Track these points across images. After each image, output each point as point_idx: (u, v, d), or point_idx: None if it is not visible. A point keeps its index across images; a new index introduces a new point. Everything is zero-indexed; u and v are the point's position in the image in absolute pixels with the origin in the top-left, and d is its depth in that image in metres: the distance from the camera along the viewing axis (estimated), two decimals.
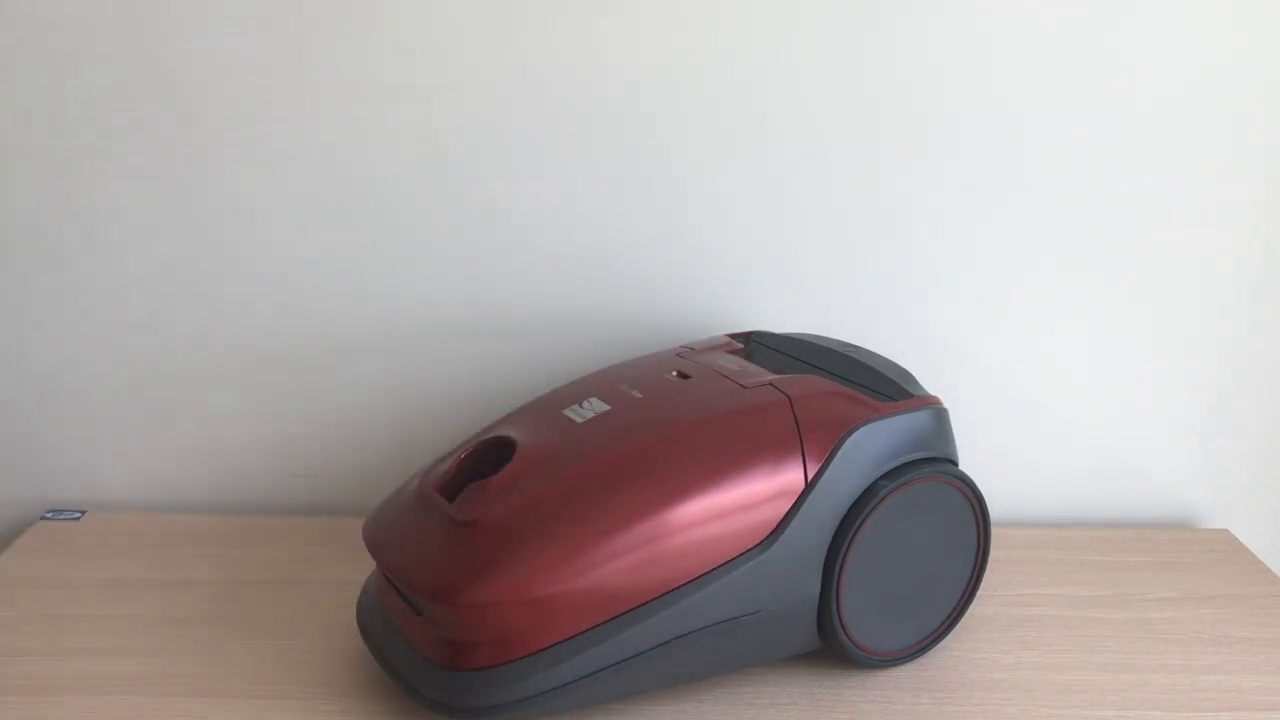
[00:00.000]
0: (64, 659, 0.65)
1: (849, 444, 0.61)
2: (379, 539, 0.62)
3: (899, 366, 0.70)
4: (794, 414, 0.61)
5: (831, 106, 0.76)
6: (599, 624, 0.57)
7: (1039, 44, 0.75)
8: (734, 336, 0.75)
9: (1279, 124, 0.77)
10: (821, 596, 0.62)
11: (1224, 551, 0.81)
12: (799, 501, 0.60)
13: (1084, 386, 0.83)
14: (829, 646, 0.64)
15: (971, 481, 0.65)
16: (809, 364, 0.70)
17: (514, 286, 0.80)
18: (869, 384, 0.66)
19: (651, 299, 0.81)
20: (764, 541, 0.59)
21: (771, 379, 0.65)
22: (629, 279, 0.80)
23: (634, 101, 0.76)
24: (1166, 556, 0.80)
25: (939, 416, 0.65)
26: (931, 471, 0.63)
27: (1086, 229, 0.79)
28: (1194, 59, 0.75)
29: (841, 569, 0.61)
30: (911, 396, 0.65)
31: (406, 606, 0.60)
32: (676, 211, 0.79)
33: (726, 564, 0.58)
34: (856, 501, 0.61)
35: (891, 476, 0.62)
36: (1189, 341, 0.82)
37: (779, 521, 0.59)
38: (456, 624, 0.57)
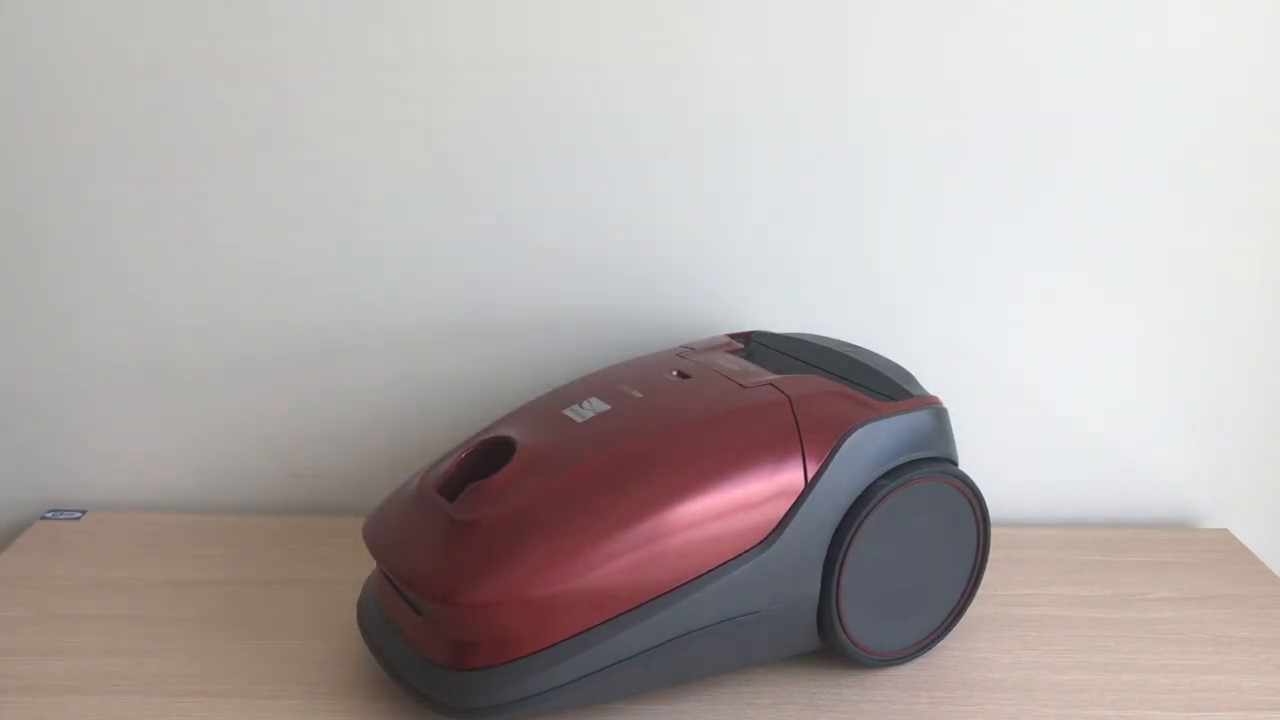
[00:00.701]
0: (64, 659, 0.65)
1: (849, 444, 0.61)
2: (379, 539, 0.62)
3: (899, 366, 0.70)
4: (794, 414, 0.61)
5: (831, 107, 0.76)
6: (599, 624, 0.57)
7: (1040, 44, 0.75)
8: (734, 336, 0.75)
9: (1279, 124, 0.77)
10: (821, 596, 0.62)
11: (1224, 551, 0.81)
12: (799, 501, 0.60)
13: (1084, 386, 0.83)
14: (829, 646, 0.64)
15: (971, 481, 0.65)
16: (809, 364, 0.70)
17: (514, 286, 0.80)
18: (869, 384, 0.66)
19: (651, 299, 0.81)
20: (764, 541, 0.59)
21: (771, 379, 0.65)
22: (629, 279, 0.80)
23: (634, 101, 0.76)
24: (1166, 556, 0.80)
25: (939, 416, 0.65)
26: (931, 471, 0.63)
27: (1087, 229, 0.79)
28: (1194, 59, 0.75)
29: (841, 569, 0.61)
30: (911, 396, 0.65)
31: (406, 606, 0.60)
32: (676, 211, 0.79)
33: (726, 564, 0.58)
34: (856, 501, 0.61)
35: (891, 476, 0.62)
36: (1189, 341, 0.82)
37: (779, 521, 0.59)
38: (456, 624, 0.57)
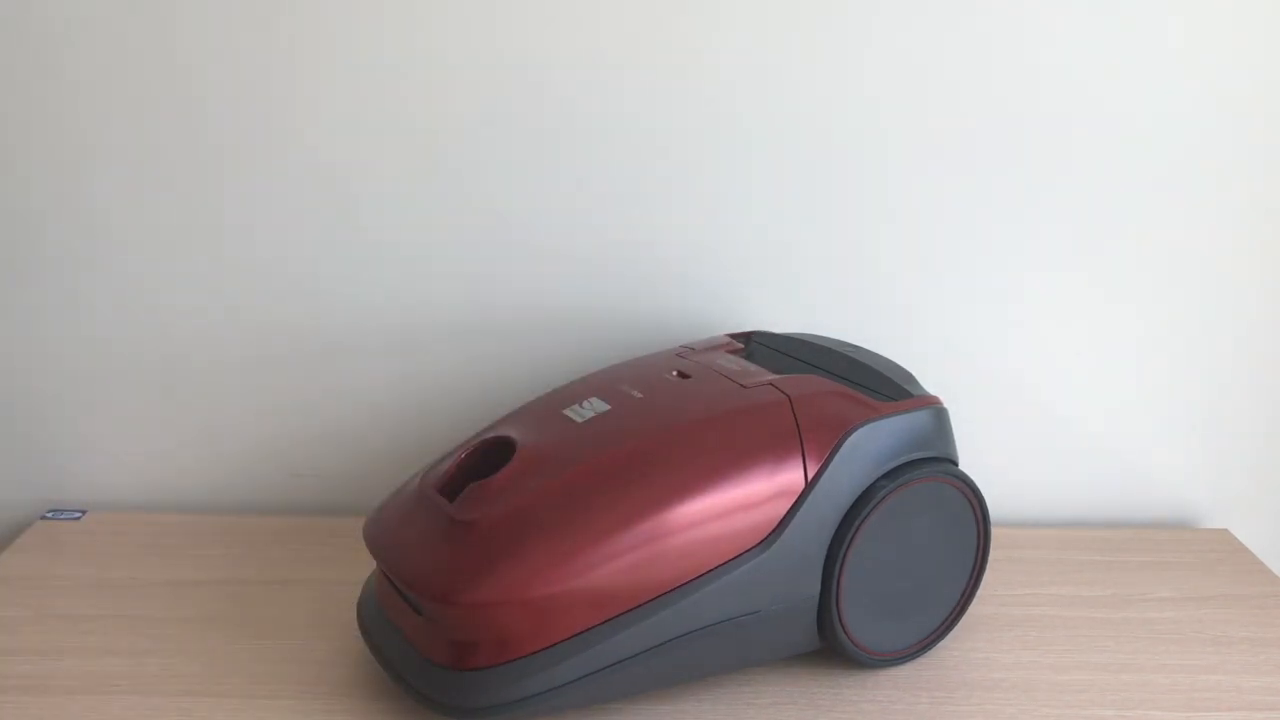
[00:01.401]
0: (64, 659, 0.65)
1: (849, 444, 0.61)
2: (379, 539, 0.62)
3: (899, 366, 0.70)
4: (794, 414, 0.61)
5: (831, 107, 0.76)
6: (599, 624, 0.57)
7: (1039, 44, 0.75)
8: (734, 336, 0.75)
9: (1279, 124, 0.77)
10: (821, 596, 0.62)
11: (1224, 551, 0.81)
12: (799, 501, 0.60)
13: (1084, 386, 0.83)
14: (829, 646, 0.64)
15: (971, 481, 0.65)
16: (809, 364, 0.70)
17: (514, 287, 0.80)
18: (869, 384, 0.66)
19: (651, 299, 0.81)
20: (764, 541, 0.59)
21: (771, 379, 0.65)
22: (629, 279, 0.80)
23: (634, 101, 0.76)
24: (1166, 556, 0.80)
25: (939, 416, 0.65)
26: (931, 471, 0.63)
27: (1087, 229, 0.79)
28: (1194, 59, 0.75)
29: (841, 569, 0.61)
30: (911, 396, 0.65)
31: (406, 606, 0.60)
32: (676, 211, 0.79)
33: (726, 564, 0.58)
34: (856, 501, 0.61)
35: (891, 476, 0.62)
36: (1189, 341, 0.82)
37: (779, 521, 0.59)
38: (457, 624, 0.57)
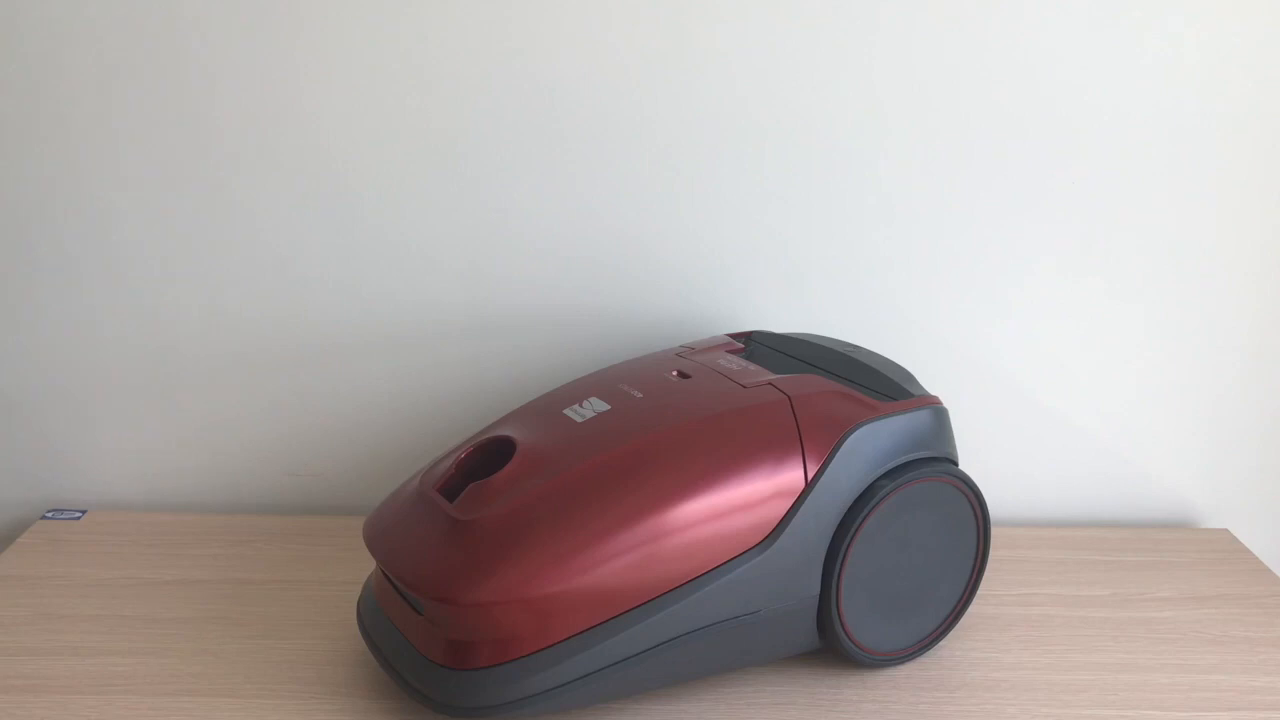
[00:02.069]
0: (64, 659, 0.65)
1: (849, 443, 0.61)
2: (379, 539, 0.62)
3: (899, 366, 0.70)
4: (794, 414, 0.61)
5: (832, 107, 0.76)
6: (599, 624, 0.57)
7: (1040, 45, 0.75)
8: (734, 336, 0.75)
9: (1279, 124, 0.77)
10: (821, 596, 0.62)
11: (1224, 551, 0.81)
12: (799, 501, 0.60)
13: (1084, 386, 0.83)
14: (829, 646, 0.64)
15: (971, 481, 0.64)
16: (809, 364, 0.70)
17: (514, 287, 0.80)
18: (869, 384, 0.66)
19: (651, 299, 0.81)
20: (764, 541, 0.59)
21: (771, 379, 0.65)
22: (629, 279, 0.80)
23: (634, 101, 0.76)
24: (1166, 556, 0.80)
25: (939, 416, 0.65)
26: (931, 471, 0.63)
27: (1087, 229, 0.79)
28: (1195, 59, 0.75)
29: (841, 569, 0.61)
30: (911, 396, 0.65)
31: (406, 606, 0.60)
32: (676, 211, 0.79)
33: (726, 564, 0.58)
34: (856, 501, 0.61)
35: (891, 476, 0.62)
36: (1189, 341, 0.82)
37: (779, 521, 0.59)
38: (457, 623, 0.57)
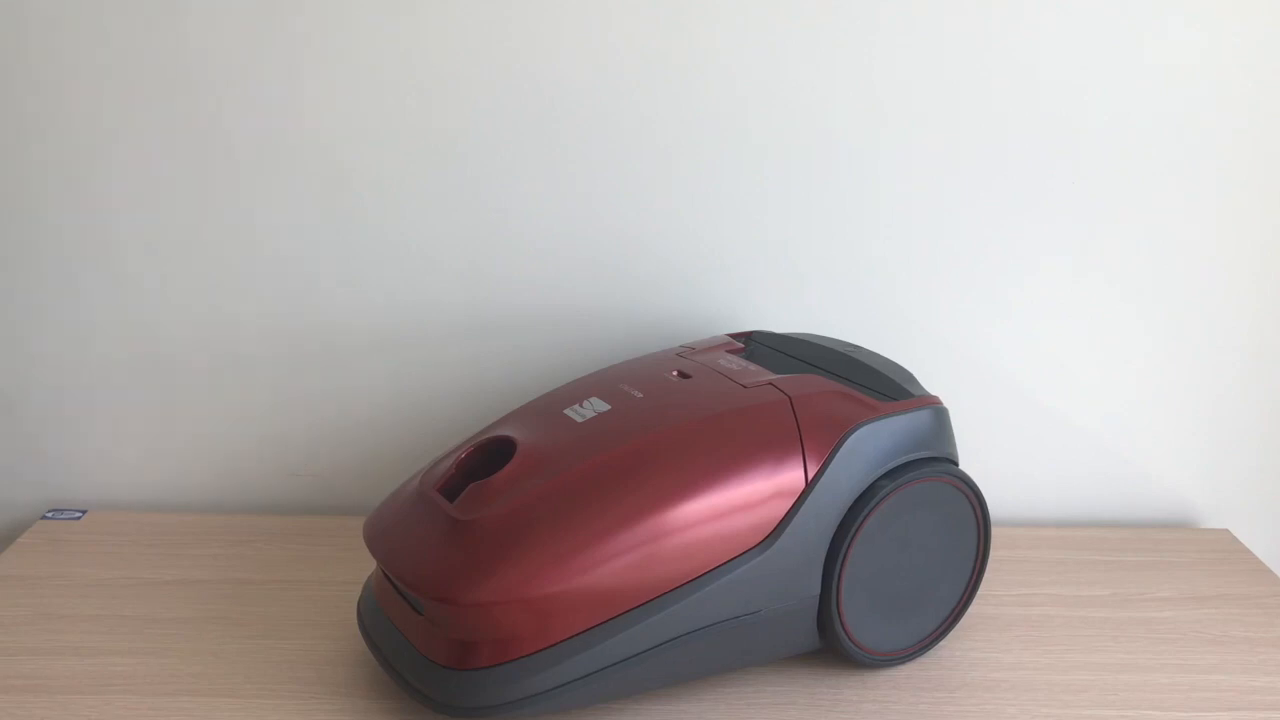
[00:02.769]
0: (64, 659, 0.65)
1: (849, 444, 0.61)
2: (379, 539, 0.62)
3: (899, 366, 0.70)
4: (794, 414, 0.61)
5: (832, 107, 0.76)
6: (599, 624, 0.57)
7: (1040, 45, 0.75)
8: (734, 336, 0.75)
9: (1279, 124, 0.77)
10: (821, 596, 0.62)
11: (1224, 551, 0.81)
12: (799, 501, 0.60)
13: (1084, 386, 0.83)
14: (829, 646, 0.64)
15: (971, 481, 0.64)
16: (809, 364, 0.70)
17: (514, 286, 0.80)
18: (869, 384, 0.66)
19: (651, 299, 0.81)
20: (764, 541, 0.59)
21: (772, 379, 0.65)
22: (629, 279, 0.80)
23: (634, 101, 0.76)
24: (1166, 556, 0.80)
25: (939, 416, 0.65)
26: (931, 471, 0.63)
27: (1087, 229, 0.79)
28: (1195, 59, 0.75)
29: (842, 569, 0.61)
30: (911, 396, 0.65)
31: (407, 606, 0.60)
32: (676, 212, 0.79)
33: (727, 564, 0.58)
34: (857, 501, 0.61)
35: (892, 476, 0.62)
36: (1189, 341, 0.82)
37: (779, 521, 0.59)
38: (457, 623, 0.57)
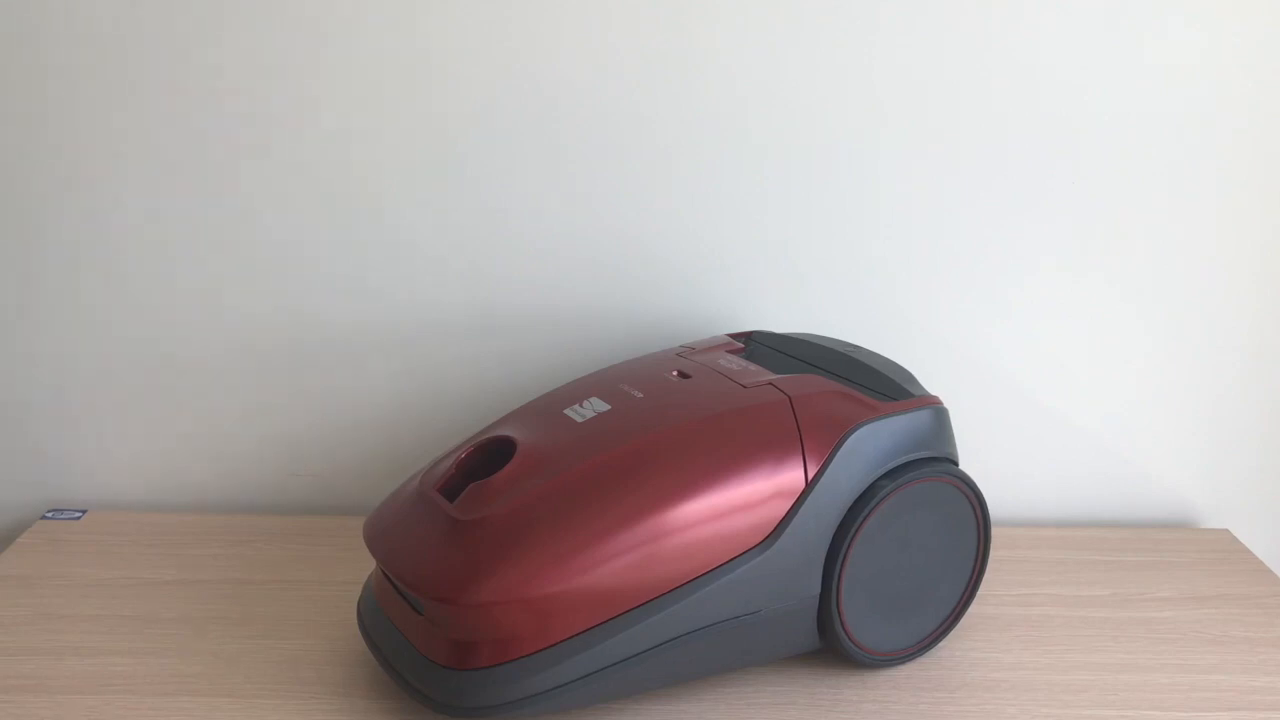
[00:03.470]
0: (64, 659, 0.65)
1: (849, 444, 0.61)
2: (379, 539, 0.62)
3: (899, 366, 0.70)
4: (794, 414, 0.61)
5: (832, 107, 0.76)
6: (599, 624, 0.57)
7: (1040, 46, 0.75)
8: (734, 336, 0.75)
9: (1279, 124, 0.77)
10: (821, 596, 0.62)
11: (1224, 551, 0.81)
12: (799, 501, 0.60)
13: (1084, 386, 0.83)
14: (829, 646, 0.64)
15: (971, 481, 0.65)
16: (809, 364, 0.70)
17: (514, 287, 0.80)
18: (869, 384, 0.66)
19: (651, 299, 0.81)
20: (764, 541, 0.59)
21: (772, 379, 0.65)
22: (629, 279, 0.80)
23: (634, 102, 0.76)
24: (1166, 556, 0.80)
25: (939, 416, 0.65)
26: (932, 471, 0.63)
27: (1087, 229, 0.79)
28: (1195, 59, 0.75)
29: (842, 569, 0.61)
30: (911, 396, 0.65)
31: (407, 606, 0.60)
32: (676, 212, 0.79)
33: (727, 564, 0.58)
34: (857, 501, 0.61)
35: (892, 476, 0.62)
36: (1189, 341, 0.82)
37: (779, 521, 0.59)
38: (457, 623, 0.57)
